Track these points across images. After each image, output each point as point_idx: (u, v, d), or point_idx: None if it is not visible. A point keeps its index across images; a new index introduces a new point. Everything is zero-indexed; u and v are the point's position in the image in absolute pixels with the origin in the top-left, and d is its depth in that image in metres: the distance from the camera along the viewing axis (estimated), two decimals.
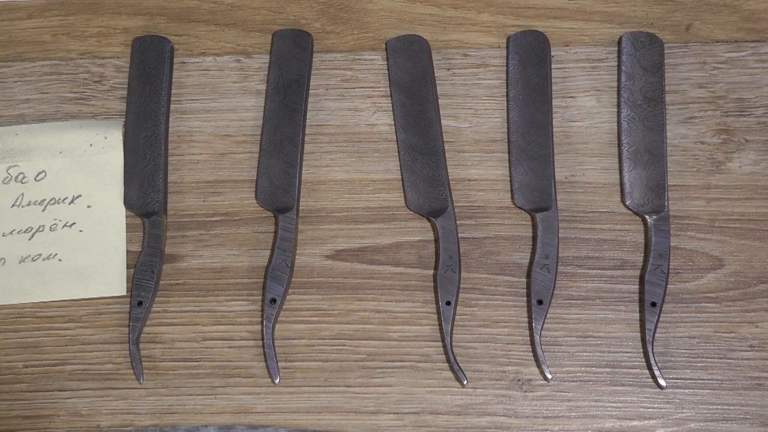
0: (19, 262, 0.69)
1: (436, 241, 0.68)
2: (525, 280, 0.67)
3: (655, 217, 0.66)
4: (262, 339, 0.66)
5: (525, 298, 0.67)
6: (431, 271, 0.68)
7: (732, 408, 0.65)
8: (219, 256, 0.69)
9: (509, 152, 0.69)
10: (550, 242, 0.66)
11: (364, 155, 0.70)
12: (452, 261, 0.66)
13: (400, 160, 0.69)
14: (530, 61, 0.70)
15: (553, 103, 0.70)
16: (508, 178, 0.69)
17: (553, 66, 0.70)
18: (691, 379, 0.65)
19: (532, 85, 0.69)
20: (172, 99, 0.71)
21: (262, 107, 0.71)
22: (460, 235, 0.67)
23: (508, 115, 0.70)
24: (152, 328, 0.68)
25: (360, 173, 0.70)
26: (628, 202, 0.67)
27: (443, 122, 0.70)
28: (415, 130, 0.69)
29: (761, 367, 0.65)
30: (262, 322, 0.66)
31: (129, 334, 0.66)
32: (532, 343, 0.65)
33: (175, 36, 0.73)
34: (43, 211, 0.70)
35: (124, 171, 0.70)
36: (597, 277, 0.67)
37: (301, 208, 0.69)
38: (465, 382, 0.65)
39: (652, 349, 0.64)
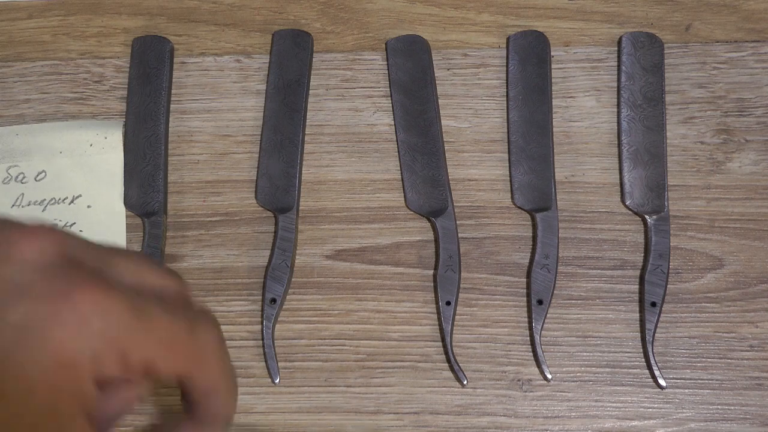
0: None
1: (436, 241, 0.68)
2: (525, 280, 0.67)
3: (655, 217, 0.66)
4: (262, 339, 0.66)
5: (525, 298, 0.67)
6: (431, 271, 0.68)
7: (732, 408, 0.65)
8: (219, 256, 0.69)
9: (509, 152, 0.69)
10: (550, 242, 0.66)
11: (364, 155, 0.70)
12: (452, 261, 0.66)
13: (400, 160, 0.69)
14: (530, 61, 0.70)
15: (553, 103, 0.70)
16: (508, 178, 0.69)
17: (553, 66, 0.70)
18: (691, 379, 0.65)
19: (532, 85, 0.69)
20: (172, 99, 0.71)
21: (262, 107, 0.71)
22: (460, 235, 0.67)
23: (508, 115, 0.70)
24: None
25: (360, 173, 0.70)
26: (628, 202, 0.67)
27: (443, 122, 0.70)
28: (415, 130, 0.69)
29: (761, 367, 0.65)
30: (262, 322, 0.66)
31: None
32: (532, 343, 0.65)
33: (175, 36, 0.73)
34: (43, 211, 0.70)
35: (124, 171, 0.70)
36: (597, 277, 0.67)
37: (301, 208, 0.69)
38: (465, 382, 0.65)
39: (652, 349, 0.64)
